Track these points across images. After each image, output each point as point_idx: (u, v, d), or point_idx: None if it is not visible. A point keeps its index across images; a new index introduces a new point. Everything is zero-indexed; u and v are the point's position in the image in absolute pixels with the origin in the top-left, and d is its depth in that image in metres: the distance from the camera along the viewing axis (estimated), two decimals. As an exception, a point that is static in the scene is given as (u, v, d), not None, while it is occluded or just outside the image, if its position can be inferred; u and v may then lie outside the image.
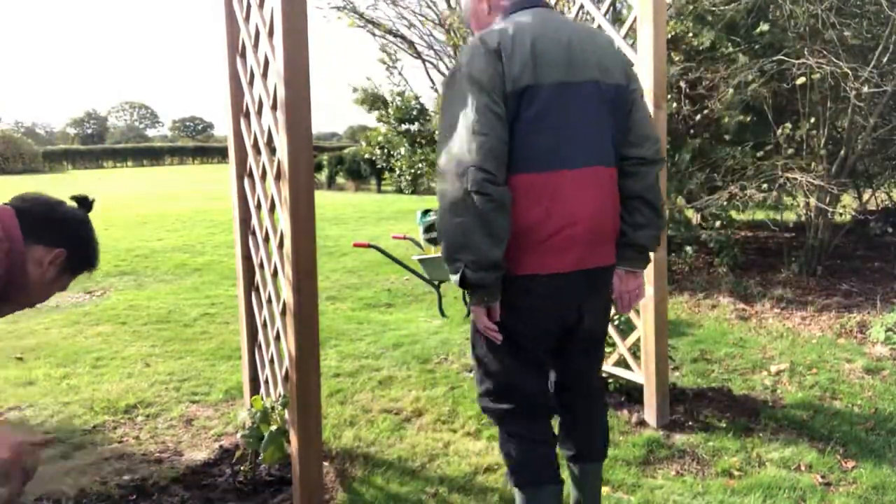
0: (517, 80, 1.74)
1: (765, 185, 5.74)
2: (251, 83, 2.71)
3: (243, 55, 2.79)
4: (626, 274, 1.98)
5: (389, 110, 8.26)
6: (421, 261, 5.46)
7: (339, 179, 23.77)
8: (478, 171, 1.68)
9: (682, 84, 6.09)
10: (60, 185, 24.75)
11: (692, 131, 6.34)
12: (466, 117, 1.72)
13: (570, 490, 2.14)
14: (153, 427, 3.30)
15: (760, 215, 6.90)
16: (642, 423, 3.17)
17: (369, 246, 5.69)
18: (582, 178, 1.81)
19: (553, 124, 1.78)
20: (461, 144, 1.72)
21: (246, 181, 2.91)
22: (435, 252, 5.41)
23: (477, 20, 2.02)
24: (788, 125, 5.55)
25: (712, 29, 5.78)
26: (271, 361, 2.76)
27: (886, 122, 5.74)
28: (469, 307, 2.02)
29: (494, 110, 1.72)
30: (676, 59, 5.94)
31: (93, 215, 1.82)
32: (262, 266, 2.79)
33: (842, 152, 5.80)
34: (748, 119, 5.89)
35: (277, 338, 2.63)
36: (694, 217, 6.78)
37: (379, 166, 9.43)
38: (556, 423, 2.10)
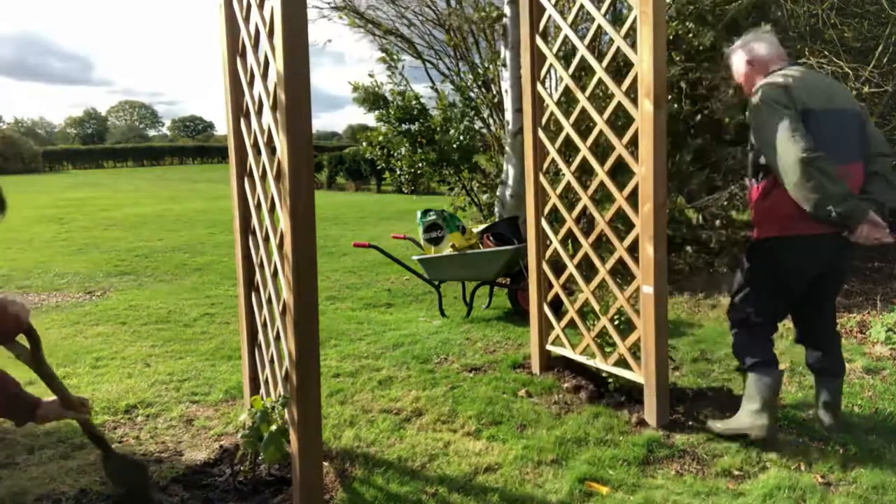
0: (800, 104, 2.75)
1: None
2: (251, 83, 2.71)
3: (243, 55, 2.79)
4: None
5: (390, 110, 8.25)
6: (421, 261, 5.46)
7: (339, 179, 23.81)
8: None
9: (683, 84, 6.09)
10: (62, 184, 24.77)
11: (692, 131, 6.34)
12: (783, 124, 2.72)
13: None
14: (153, 427, 3.30)
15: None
16: (642, 423, 3.17)
17: (369, 246, 5.70)
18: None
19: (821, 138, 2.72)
20: (795, 141, 2.68)
21: (246, 181, 2.91)
22: (435, 252, 5.41)
23: (748, 79, 3.07)
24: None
25: (712, 29, 5.77)
26: (271, 361, 2.76)
27: (886, 122, 5.73)
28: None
29: (793, 116, 2.72)
30: (676, 59, 5.94)
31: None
32: (262, 266, 2.79)
33: (842, 152, 5.78)
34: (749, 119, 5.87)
35: (277, 338, 2.63)
36: (694, 217, 6.78)
37: (379, 166, 9.41)
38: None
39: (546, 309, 3.89)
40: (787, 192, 2.74)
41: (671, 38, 5.84)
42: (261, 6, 2.45)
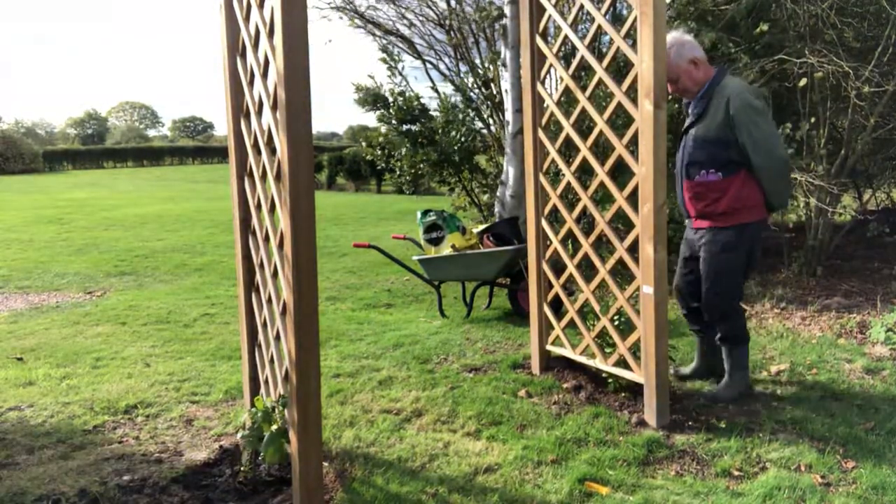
0: None
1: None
2: (251, 83, 2.71)
3: (243, 55, 2.79)
4: None
5: (391, 110, 8.25)
6: (421, 261, 5.46)
7: (339, 180, 23.80)
8: None
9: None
10: (62, 184, 24.76)
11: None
12: (774, 129, 3.33)
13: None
14: (153, 427, 3.30)
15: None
16: (642, 423, 3.17)
17: (369, 246, 5.70)
18: None
19: None
20: (781, 143, 3.34)
21: (246, 181, 2.91)
22: (435, 252, 5.41)
23: (690, 75, 3.32)
24: (789, 125, 5.55)
25: (713, 29, 5.77)
26: (271, 361, 2.76)
27: (886, 122, 5.73)
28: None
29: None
30: (676, 59, 5.94)
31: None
32: (262, 266, 2.79)
33: (842, 152, 5.79)
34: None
35: (277, 338, 2.63)
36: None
37: (379, 167, 9.41)
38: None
39: (546, 309, 3.89)
40: (755, 183, 3.25)
41: (671, 38, 5.84)
42: (261, 6, 2.45)
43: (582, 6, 3.34)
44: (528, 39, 3.71)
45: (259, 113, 2.63)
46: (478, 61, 8.98)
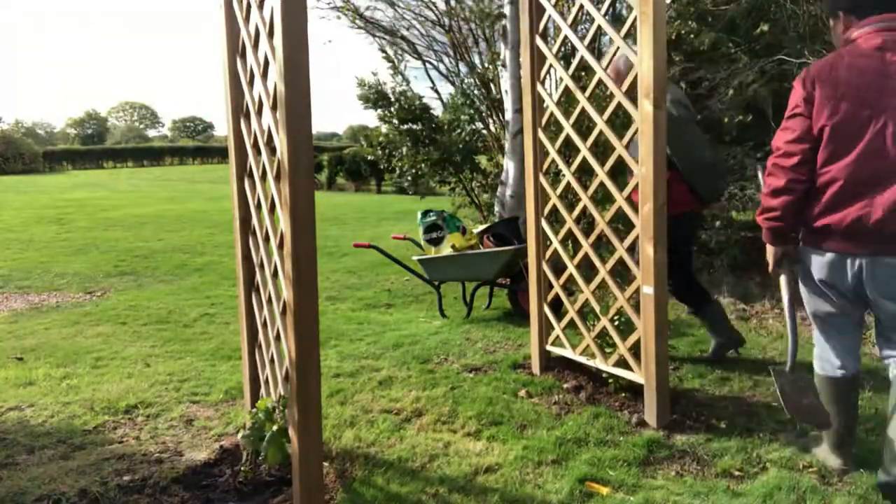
0: None
1: (765, 186, 5.73)
2: (251, 83, 2.71)
3: (243, 55, 2.79)
4: None
5: (392, 109, 8.26)
6: (421, 261, 5.46)
7: (339, 180, 23.81)
8: None
9: (683, 84, 6.09)
10: (62, 184, 24.76)
11: (692, 131, 6.33)
12: None
13: None
14: (153, 427, 3.30)
15: (761, 215, 6.87)
16: (642, 423, 3.17)
17: (369, 246, 5.70)
18: None
19: None
20: None
21: (246, 181, 2.91)
22: (435, 252, 5.41)
23: None
24: (788, 125, 5.55)
25: (712, 29, 5.77)
26: (271, 361, 2.76)
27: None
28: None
29: None
30: (676, 59, 5.94)
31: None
32: (262, 266, 2.79)
33: (841, 152, 5.79)
34: (748, 119, 5.89)
35: (277, 338, 2.63)
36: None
37: (381, 166, 9.42)
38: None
39: (546, 309, 3.89)
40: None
41: (671, 38, 5.84)
42: (261, 6, 2.45)
43: (582, 6, 3.34)
44: (527, 40, 3.71)
45: (259, 113, 2.63)
46: (478, 61, 8.98)
